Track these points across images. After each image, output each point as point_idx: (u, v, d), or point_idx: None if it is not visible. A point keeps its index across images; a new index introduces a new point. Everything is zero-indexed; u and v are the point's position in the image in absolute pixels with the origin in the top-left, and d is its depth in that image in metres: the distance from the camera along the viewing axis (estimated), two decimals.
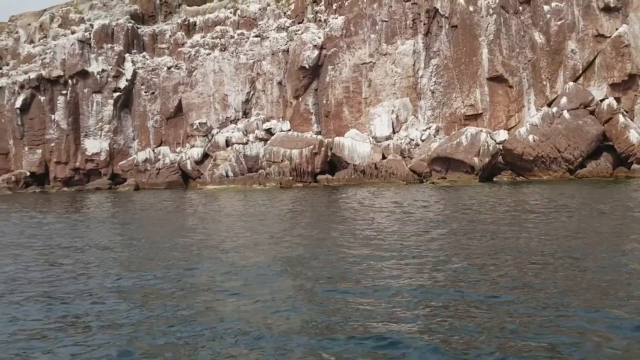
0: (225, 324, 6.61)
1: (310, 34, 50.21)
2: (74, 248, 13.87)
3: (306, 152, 45.21)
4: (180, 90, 54.88)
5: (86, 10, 62.01)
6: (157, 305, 7.75)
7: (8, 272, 10.79)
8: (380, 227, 15.29)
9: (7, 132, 56.86)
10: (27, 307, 7.99)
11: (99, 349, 5.99)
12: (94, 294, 8.51)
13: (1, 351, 6.03)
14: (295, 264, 10.46)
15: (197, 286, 8.90)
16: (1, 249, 14.14)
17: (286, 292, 8.16)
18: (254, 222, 18.32)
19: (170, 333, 6.42)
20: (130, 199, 37.40)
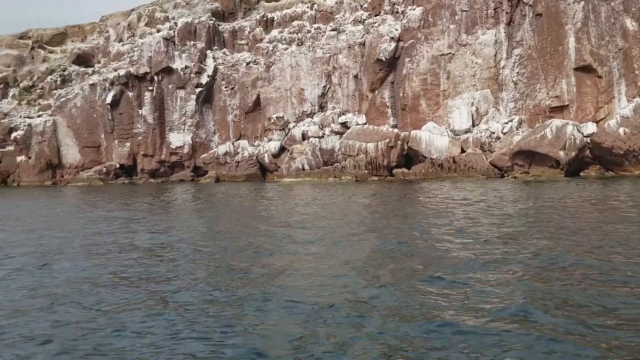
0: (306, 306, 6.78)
1: (387, 26, 49.81)
2: (169, 237, 14.61)
3: (382, 146, 45.01)
4: (258, 85, 56.10)
5: (170, 9, 64.64)
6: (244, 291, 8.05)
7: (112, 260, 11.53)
8: (465, 222, 15.03)
9: (99, 126, 60.45)
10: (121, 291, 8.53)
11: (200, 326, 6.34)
12: (188, 278, 8.97)
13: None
14: (382, 256, 10.51)
15: (278, 276, 9.15)
16: (104, 238, 15.12)
17: (377, 282, 8.24)
18: (335, 213, 18.52)
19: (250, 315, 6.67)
20: (212, 190, 38.77)
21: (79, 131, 60.75)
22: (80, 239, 14.39)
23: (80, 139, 60.69)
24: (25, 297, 8.19)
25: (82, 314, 7.22)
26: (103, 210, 24.02)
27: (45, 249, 12.93)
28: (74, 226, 17.68)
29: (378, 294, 7.63)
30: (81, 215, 21.95)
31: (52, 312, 7.33)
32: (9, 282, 9.29)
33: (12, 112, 63.67)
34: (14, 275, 9.94)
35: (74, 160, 60.57)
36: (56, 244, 13.70)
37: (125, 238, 14.38)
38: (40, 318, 7.04)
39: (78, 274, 9.82)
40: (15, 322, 6.90)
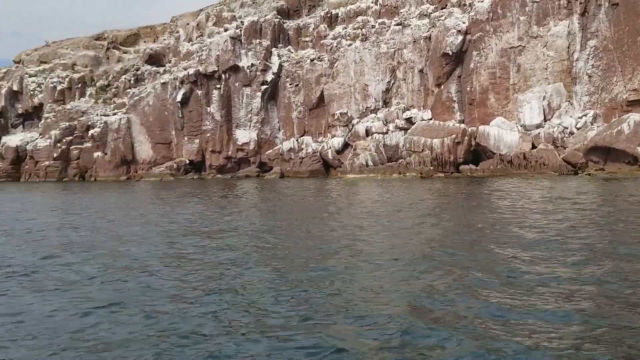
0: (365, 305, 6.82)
1: (454, 19, 48.84)
2: (236, 231, 15.03)
3: (448, 142, 44.29)
4: (322, 82, 56.43)
5: (237, 8, 66.06)
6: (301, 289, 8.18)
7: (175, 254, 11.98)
8: (537, 222, 14.59)
9: (169, 123, 62.71)
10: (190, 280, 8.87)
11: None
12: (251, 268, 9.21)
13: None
14: (442, 255, 10.39)
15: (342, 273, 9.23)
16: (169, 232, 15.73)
17: (434, 285, 8.18)
18: (400, 210, 18.43)
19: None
20: (277, 185, 39.42)
21: (151, 128, 63.24)
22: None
23: (152, 135, 63.18)
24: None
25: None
26: (192, 203, 24.95)
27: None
28: (176, 217, 18.48)
29: (438, 305, 7.57)
30: (179, 210, 22.87)
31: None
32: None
33: (89, 110, 67.06)
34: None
35: (146, 156, 63.14)
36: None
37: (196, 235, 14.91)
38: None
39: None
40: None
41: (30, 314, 7.26)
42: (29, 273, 9.87)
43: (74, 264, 10.60)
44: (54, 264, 10.67)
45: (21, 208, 25.30)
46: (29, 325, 6.76)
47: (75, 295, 8.19)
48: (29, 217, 20.55)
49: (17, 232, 15.96)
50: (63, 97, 69.39)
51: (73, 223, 18.02)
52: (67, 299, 7.96)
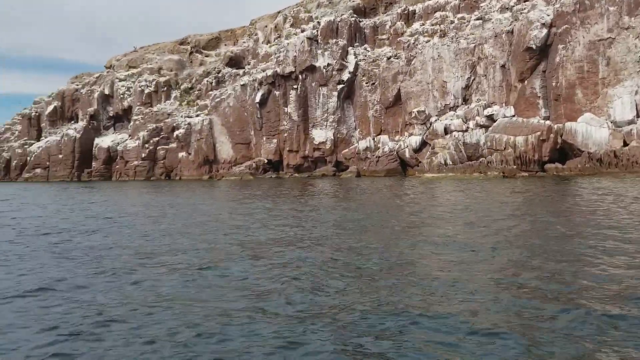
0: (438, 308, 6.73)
1: (538, 12, 46.95)
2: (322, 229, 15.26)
3: (532, 139, 42.65)
4: (399, 80, 55.97)
5: (314, 9, 66.80)
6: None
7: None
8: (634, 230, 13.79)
9: (249, 124, 64.45)
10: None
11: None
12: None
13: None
14: (527, 265, 10.05)
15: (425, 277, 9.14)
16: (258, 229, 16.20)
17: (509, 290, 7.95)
18: (486, 211, 17.97)
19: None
20: (354, 184, 39.51)
21: (231, 129, 65.27)
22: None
23: (232, 136, 65.19)
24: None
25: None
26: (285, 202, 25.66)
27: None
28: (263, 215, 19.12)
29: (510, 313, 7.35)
30: (275, 211, 23.60)
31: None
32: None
33: (174, 112, 70.17)
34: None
35: (227, 155, 65.24)
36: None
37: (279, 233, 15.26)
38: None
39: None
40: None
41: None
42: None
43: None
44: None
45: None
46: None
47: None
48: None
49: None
50: (150, 100, 73.04)
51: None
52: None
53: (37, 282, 9.30)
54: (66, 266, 10.70)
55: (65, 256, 11.85)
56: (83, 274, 9.92)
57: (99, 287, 8.87)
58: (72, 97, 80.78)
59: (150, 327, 6.79)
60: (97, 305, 7.79)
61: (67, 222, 18.81)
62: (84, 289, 8.77)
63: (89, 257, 11.63)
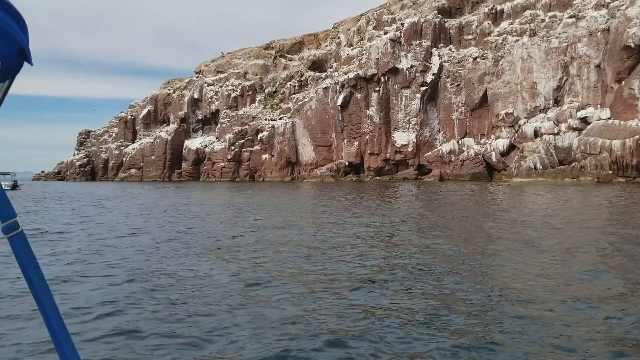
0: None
1: (637, 8, 44.03)
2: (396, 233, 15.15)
3: (630, 143, 40.07)
4: (485, 81, 54.43)
5: (397, 10, 66.37)
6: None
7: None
8: None
9: (330, 126, 65.03)
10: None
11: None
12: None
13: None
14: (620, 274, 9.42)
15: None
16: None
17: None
18: (585, 222, 17.07)
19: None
20: (439, 189, 38.78)
21: (313, 131, 66.16)
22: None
23: (314, 138, 66.05)
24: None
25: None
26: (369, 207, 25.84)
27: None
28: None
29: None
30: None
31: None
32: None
33: (258, 115, 72.12)
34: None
35: (309, 158, 66.19)
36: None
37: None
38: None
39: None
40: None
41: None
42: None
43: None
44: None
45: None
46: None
47: None
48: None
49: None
50: (236, 104, 75.54)
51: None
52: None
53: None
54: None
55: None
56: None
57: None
58: (164, 101, 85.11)
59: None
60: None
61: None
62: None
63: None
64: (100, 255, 11.99)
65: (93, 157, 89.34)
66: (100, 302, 7.66)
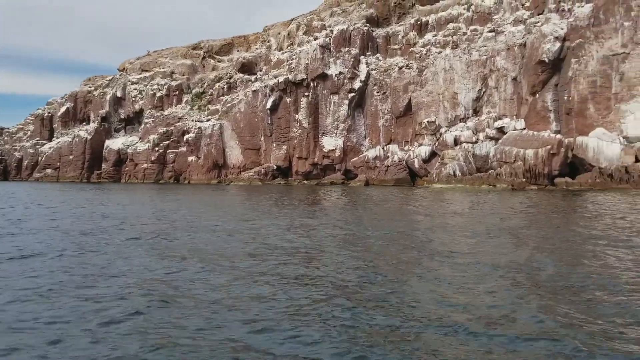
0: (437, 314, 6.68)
1: (552, 25, 46.82)
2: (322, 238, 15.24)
3: (542, 153, 42.42)
4: (410, 90, 55.97)
5: (327, 17, 67.08)
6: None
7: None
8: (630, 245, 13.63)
9: (259, 130, 64.66)
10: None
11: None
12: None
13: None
14: (525, 272, 9.97)
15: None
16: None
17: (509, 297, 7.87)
18: (494, 224, 17.88)
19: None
20: (363, 193, 39.42)
21: (241, 134, 65.51)
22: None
23: (242, 141, 65.41)
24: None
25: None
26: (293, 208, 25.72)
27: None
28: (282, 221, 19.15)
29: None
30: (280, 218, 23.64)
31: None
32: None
33: (185, 116, 70.58)
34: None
35: (236, 160, 65.45)
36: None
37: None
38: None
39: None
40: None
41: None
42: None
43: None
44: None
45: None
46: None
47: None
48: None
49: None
50: (161, 104, 73.56)
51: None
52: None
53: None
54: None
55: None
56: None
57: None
58: (84, 99, 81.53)
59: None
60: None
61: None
62: None
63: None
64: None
65: (6, 156, 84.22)
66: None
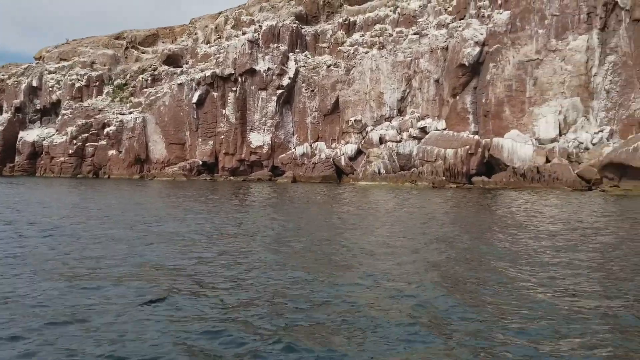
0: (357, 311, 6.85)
1: (472, 30, 48.72)
2: (240, 235, 15.11)
3: (461, 153, 44.11)
4: (337, 88, 56.53)
5: (256, 12, 66.48)
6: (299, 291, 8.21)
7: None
8: (538, 239, 14.50)
9: (184, 124, 63.16)
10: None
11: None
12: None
13: None
14: (435, 265, 10.38)
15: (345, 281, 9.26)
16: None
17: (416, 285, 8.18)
18: (410, 220, 18.41)
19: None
20: (289, 190, 39.48)
21: (166, 128, 63.75)
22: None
23: (167, 136, 63.67)
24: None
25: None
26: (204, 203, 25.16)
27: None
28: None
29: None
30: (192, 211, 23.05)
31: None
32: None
33: (105, 108, 67.79)
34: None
35: (160, 155, 63.63)
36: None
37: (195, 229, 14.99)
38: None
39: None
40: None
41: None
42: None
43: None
44: None
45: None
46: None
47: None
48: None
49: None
50: (81, 95, 70.29)
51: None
52: None
53: None
54: None
55: None
56: None
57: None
58: None
59: None
60: None
61: None
62: None
63: None
64: None
65: None
66: None
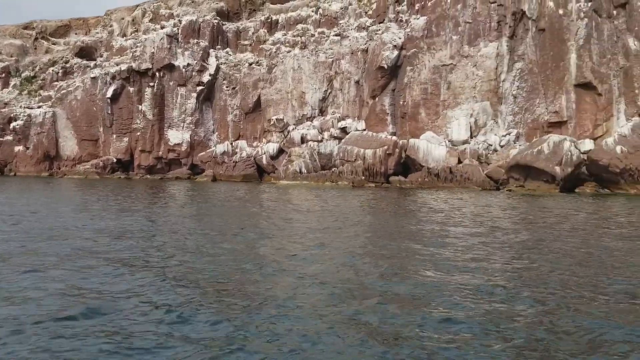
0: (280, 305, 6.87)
1: (391, 34, 50.01)
2: (151, 233, 14.67)
3: (380, 153, 45.14)
4: (259, 86, 56.18)
5: (175, 6, 64.81)
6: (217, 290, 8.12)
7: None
8: (448, 232, 15.12)
9: (98, 119, 60.47)
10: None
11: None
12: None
13: None
14: (351, 260, 10.59)
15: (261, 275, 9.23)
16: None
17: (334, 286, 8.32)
18: (327, 218, 18.61)
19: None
20: (208, 189, 38.80)
21: (78, 124, 60.77)
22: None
23: (78, 131, 60.72)
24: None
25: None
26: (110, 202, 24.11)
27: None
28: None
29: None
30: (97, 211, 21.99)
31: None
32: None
33: (12, 101, 63.67)
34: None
35: (71, 152, 60.59)
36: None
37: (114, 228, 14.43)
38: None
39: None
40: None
41: None
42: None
43: None
44: None
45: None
46: None
47: None
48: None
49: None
50: None
51: None
52: None
53: None
54: None
55: None
56: None
57: None
58: None
59: None
60: None
61: None
62: None
63: None
64: None
65: None
66: None
